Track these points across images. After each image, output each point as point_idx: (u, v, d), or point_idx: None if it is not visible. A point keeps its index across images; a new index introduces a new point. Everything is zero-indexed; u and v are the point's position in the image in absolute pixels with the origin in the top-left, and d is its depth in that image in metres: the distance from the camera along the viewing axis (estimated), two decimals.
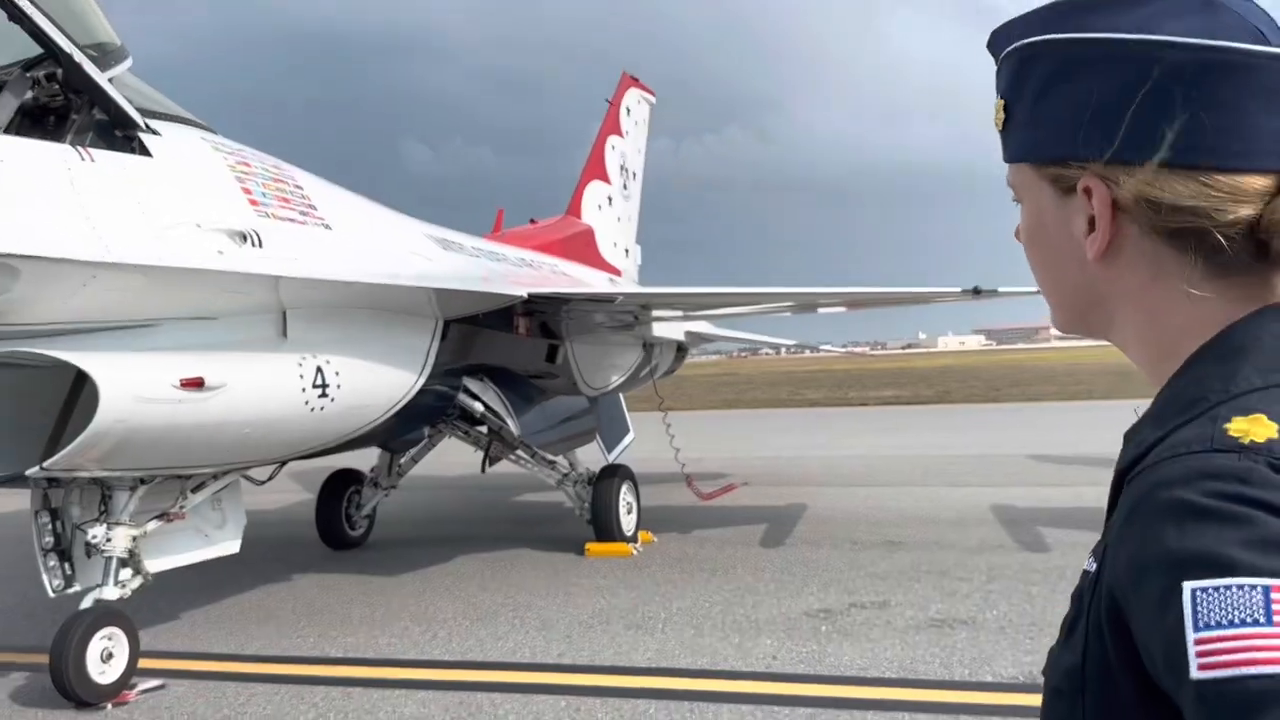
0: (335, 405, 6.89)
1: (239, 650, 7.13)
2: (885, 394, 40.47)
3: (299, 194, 6.96)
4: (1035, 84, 1.00)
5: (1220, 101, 0.91)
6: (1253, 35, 0.92)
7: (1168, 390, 0.96)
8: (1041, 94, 1.00)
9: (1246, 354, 0.92)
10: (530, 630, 7.34)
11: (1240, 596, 0.74)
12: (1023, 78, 1.02)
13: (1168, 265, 0.96)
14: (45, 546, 6.40)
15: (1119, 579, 0.84)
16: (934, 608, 7.47)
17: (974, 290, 9.23)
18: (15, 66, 5.74)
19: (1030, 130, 1.02)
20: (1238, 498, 0.78)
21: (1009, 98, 1.04)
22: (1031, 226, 1.07)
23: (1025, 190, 1.06)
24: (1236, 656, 0.73)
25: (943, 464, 16.66)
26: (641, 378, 13.59)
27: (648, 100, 16.59)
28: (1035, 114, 1.01)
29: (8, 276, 5.05)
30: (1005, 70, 1.05)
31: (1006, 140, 1.06)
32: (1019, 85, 1.02)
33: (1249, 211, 0.92)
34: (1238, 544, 0.76)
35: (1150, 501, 0.83)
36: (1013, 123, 1.04)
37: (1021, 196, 1.07)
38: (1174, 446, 0.86)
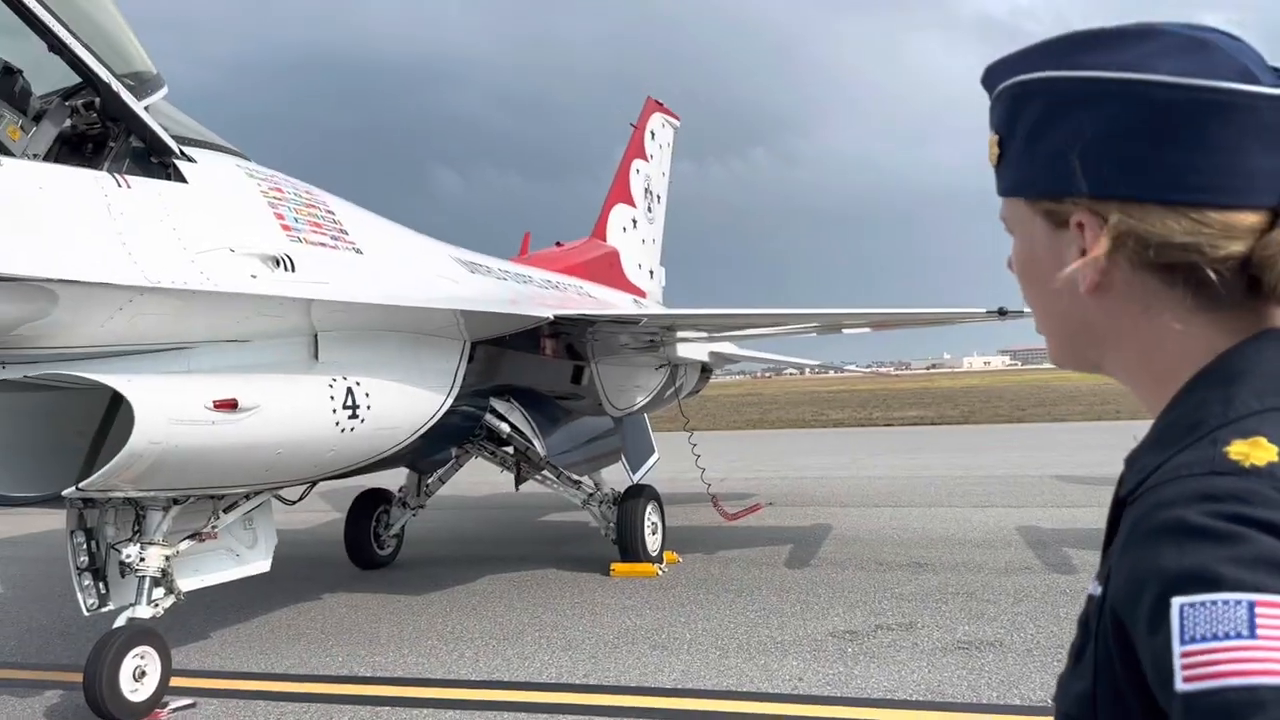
0: (365, 426, 6.97)
1: (269, 669, 7.19)
2: (910, 414, 40.28)
3: (330, 219, 7.08)
4: (1028, 120, 1.03)
5: (1211, 140, 0.93)
6: (1242, 74, 0.94)
7: (1166, 416, 0.98)
8: (1034, 130, 1.02)
9: (1245, 378, 0.93)
10: (556, 650, 7.36)
11: (1225, 611, 0.77)
12: (1016, 114, 1.04)
13: (1160, 298, 0.98)
14: (80, 566, 6.50)
15: (1120, 599, 0.86)
16: (961, 629, 7.43)
17: (999, 311, 9.21)
18: (55, 95, 5.88)
19: (1023, 166, 1.04)
20: (1235, 517, 0.81)
21: (1003, 133, 1.07)
22: (1024, 259, 1.09)
23: (1018, 224, 1.09)
24: (1220, 669, 0.76)
25: (968, 485, 16.56)
26: (666, 398, 13.63)
27: (672, 124, 16.71)
28: (1028, 150, 1.03)
29: (46, 300, 5.17)
30: (999, 106, 1.07)
31: (1001, 175, 1.09)
32: (1012, 121, 1.05)
33: (1240, 248, 0.93)
34: (1227, 561, 0.79)
35: (1149, 522, 0.86)
36: (1006, 158, 1.07)
37: (1014, 230, 1.10)
38: (1175, 469, 0.88)
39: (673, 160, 16.88)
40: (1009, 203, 1.10)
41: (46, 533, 14.47)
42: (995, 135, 1.08)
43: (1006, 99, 1.06)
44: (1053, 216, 1.03)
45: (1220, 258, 0.94)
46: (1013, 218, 1.10)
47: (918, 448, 25.43)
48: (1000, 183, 1.10)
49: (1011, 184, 1.08)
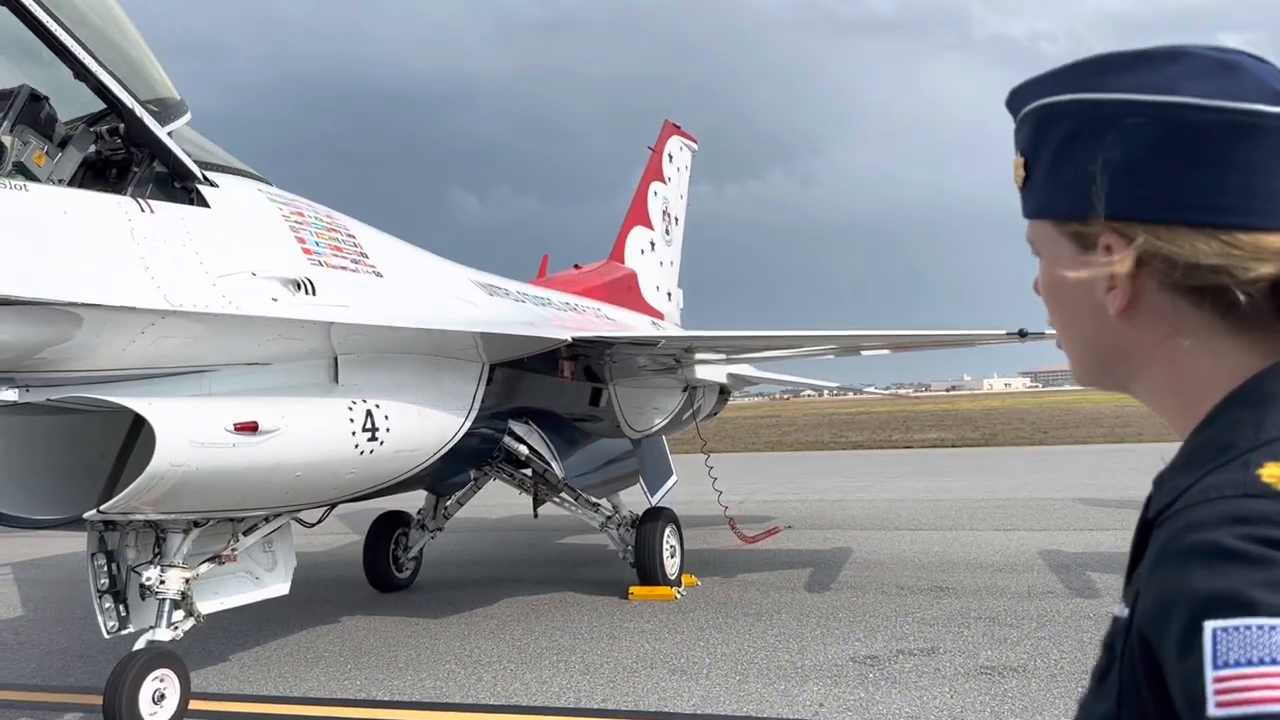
0: (384, 448, 6.98)
1: (288, 692, 7.18)
2: (930, 436, 40.04)
3: (351, 242, 7.12)
4: (1055, 142, 1.02)
5: (1240, 161, 0.93)
6: (1271, 96, 0.94)
7: (1196, 438, 0.97)
8: (1062, 152, 1.02)
9: (1276, 400, 0.92)
10: (574, 674, 7.32)
11: (1260, 636, 0.76)
12: (1042, 136, 1.04)
13: (1188, 320, 0.98)
14: (101, 588, 6.52)
15: (1149, 621, 0.85)
16: (984, 655, 7.35)
17: (1020, 333, 9.15)
18: (80, 121, 5.96)
19: (1050, 188, 1.04)
20: (1268, 541, 0.80)
21: (1029, 155, 1.06)
22: (1051, 282, 1.08)
23: (1045, 246, 1.08)
24: (1254, 695, 0.74)
25: (990, 508, 16.43)
26: (685, 420, 13.61)
27: (690, 147, 16.77)
28: (1055, 172, 1.03)
29: (70, 324, 5.21)
30: (1025, 128, 1.07)
31: (1027, 197, 1.08)
32: (1038, 143, 1.05)
33: (1270, 270, 0.93)
34: (1261, 585, 0.78)
35: (1180, 544, 0.85)
36: (1033, 180, 1.06)
37: (1041, 252, 1.09)
38: (1204, 491, 0.87)
39: (690, 183, 16.93)
40: (1035, 225, 1.09)
41: (67, 555, 14.55)
42: (1021, 157, 1.08)
43: (1033, 121, 1.06)
44: (1080, 239, 1.03)
45: (1250, 280, 0.93)
46: (1039, 239, 1.09)
47: (938, 470, 25.26)
48: (1026, 205, 1.10)
49: (1038, 206, 1.07)
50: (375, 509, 11.05)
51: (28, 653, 8.71)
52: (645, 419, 12.24)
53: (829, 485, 22.05)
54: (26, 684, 7.70)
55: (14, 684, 7.71)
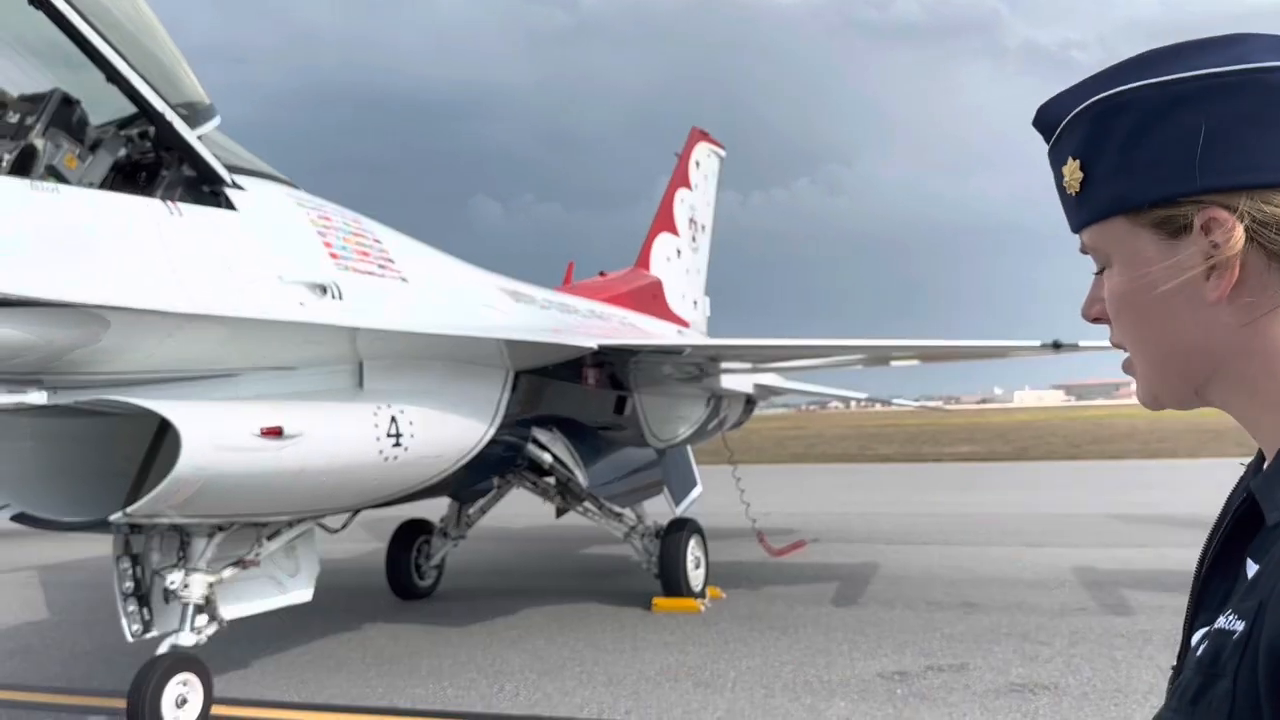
0: (409, 455, 6.94)
1: (310, 699, 7.15)
2: (960, 450, 39.66)
3: (377, 247, 7.10)
4: (1123, 132, 0.97)
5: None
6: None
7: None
8: (1133, 140, 0.96)
9: None
10: (597, 685, 7.24)
11: None
12: (1104, 131, 0.98)
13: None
14: (125, 591, 6.51)
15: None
16: (1014, 671, 7.20)
17: (1054, 344, 9.00)
18: (111, 125, 5.98)
19: (1122, 179, 0.98)
20: None
21: (1086, 155, 1.00)
22: (1127, 287, 1.01)
23: (1118, 246, 1.01)
24: None
25: (1021, 523, 16.20)
26: (710, 430, 13.50)
27: (717, 154, 16.70)
28: (1128, 161, 0.97)
29: (98, 326, 5.21)
30: (1078, 130, 1.01)
31: (1087, 200, 1.02)
32: (1101, 138, 0.99)
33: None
34: None
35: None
36: (1094, 180, 1.00)
37: (1111, 255, 1.02)
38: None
39: (718, 190, 16.86)
40: (1102, 227, 1.02)
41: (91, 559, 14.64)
42: (1075, 160, 1.01)
43: (1090, 119, 1.00)
44: (1167, 225, 0.96)
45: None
46: (1109, 242, 1.02)
47: (968, 485, 24.99)
48: (1086, 209, 1.03)
49: (1108, 202, 1.00)
50: (397, 516, 11.04)
51: (53, 655, 8.75)
52: (670, 428, 12.16)
53: (856, 499, 21.86)
54: (52, 686, 7.71)
55: (40, 686, 7.74)
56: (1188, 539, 13.78)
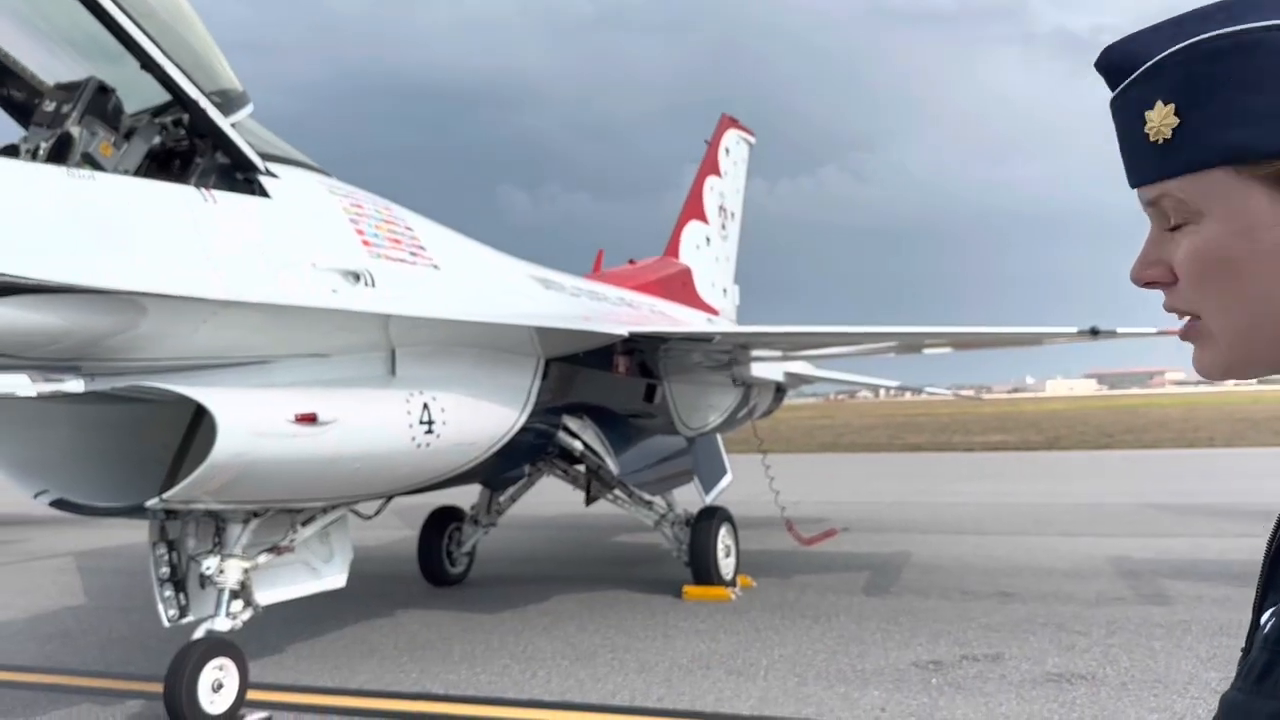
0: (441, 442, 6.95)
1: (343, 684, 7.19)
2: (992, 439, 39.33)
3: (409, 235, 7.10)
4: (1244, 75, 0.91)
5: None
6: None
7: None
8: (1250, 83, 0.90)
9: None
10: (629, 673, 7.23)
11: None
12: (1216, 74, 0.92)
13: None
14: (162, 577, 6.57)
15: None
16: (1051, 661, 7.12)
17: (1091, 331, 8.85)
18: (145, 113, 6.01)
19: (1237, 127, 0.92)
20: None
21: (1182, 100, 0.93)
22: (1224, 244, 0.94)
23: (1218, 200, 0.94)
24: None
25: (1055, 513, 16.04)
26: (739, 419, 13.44)
27: (747, 141, 16.59)
28: (1239, 107, 0.91)
29: (135, 313, 5.24)
30: (1168, 75, 0.95)
31: (1179, 148, 0.95)
32: (1206, 82, 0.92)
33: None
34: None
35: None
36: (1194, 126, 0.93)
37: (1206, 209, 0.95)
38: None
39: (747, 177, 16.75)
40: (1199, 178, 0.95)
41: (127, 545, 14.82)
42: (1168, 105, 0.94)
43: (1196, 59, 0.93)
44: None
45: None
46: (1204, 195, 0.95)
47: (1000, 474, 24.78)
48: (1180, 158, 0.96)
49: (1215, 151, 0.93)
50: (428, 504, 11.08)
51: (90, 640, 8.86)
52: (700, 416, 12.11)
53: (887, 488, 21.73)
54: (89, 670, 7.81)
55: (78, 670, 7.83)
56: (1226, 529, 13.59)
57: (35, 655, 8.36)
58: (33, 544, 16.01)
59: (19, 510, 20.34)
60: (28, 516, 19.51)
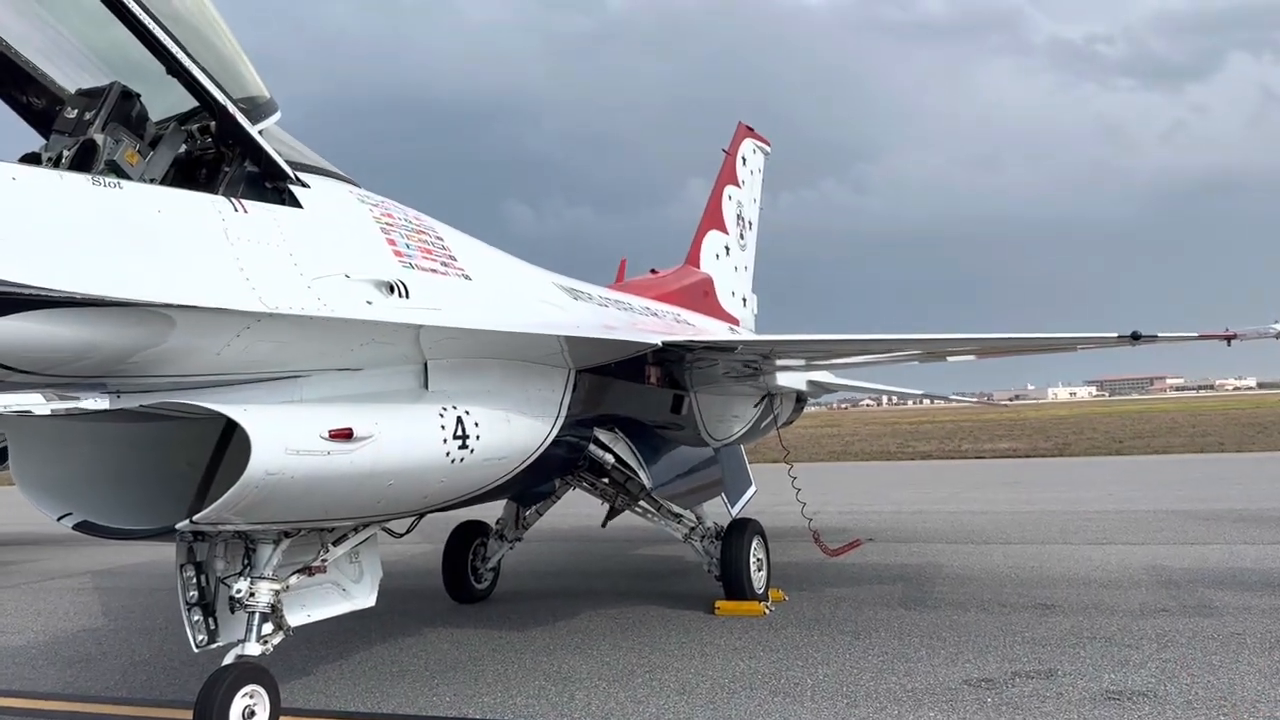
0: (475, 456, 6.72)
1: (376, 708, 6.95)
2: (1001, 446, 39.10)
3: (439, 244, 6.89)
4: None
5: None
6: None
7: None
8: None
9: None
10: (670, 694, 6.99)
11: None
12: None
13: None
14: (190, 600, 6.34)
15: None
16: (1107, 678, 6.88)
17: (1132, 336, 8.61)
18: (171, 120, 5.80)
19: None
20: None
21: None
22: None
23: None
24: None
25: (1079, 520, 15.82)
26: (762, 428, 13.25)
27: (763, 150, 16.42)
28: None
29: (163, 326, 5.01)
30: None
31: None
32: None
33: None
34: None
35: None
36: None
37: None
38: None
39: (765, 187, 16.57)
40: None
41: (145, 564, 14.62)
42: None
43: None
44: None
45: None
46: None
47: (1014, 481, 24.55)
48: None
49: None
50: (452, 519, 10.85)
51: (111, 664, 8.61)
52: (725, 427, 11.91)
53: (904, 496, 21.49)
54: (113, 696, 7.57)
55: (100, 696, 7.59)
56: (1258, 536, 13.37)
57: (56, 681, 8.11)
58: (46, 563, 15.79)
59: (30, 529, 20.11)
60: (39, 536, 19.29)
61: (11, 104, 5.82)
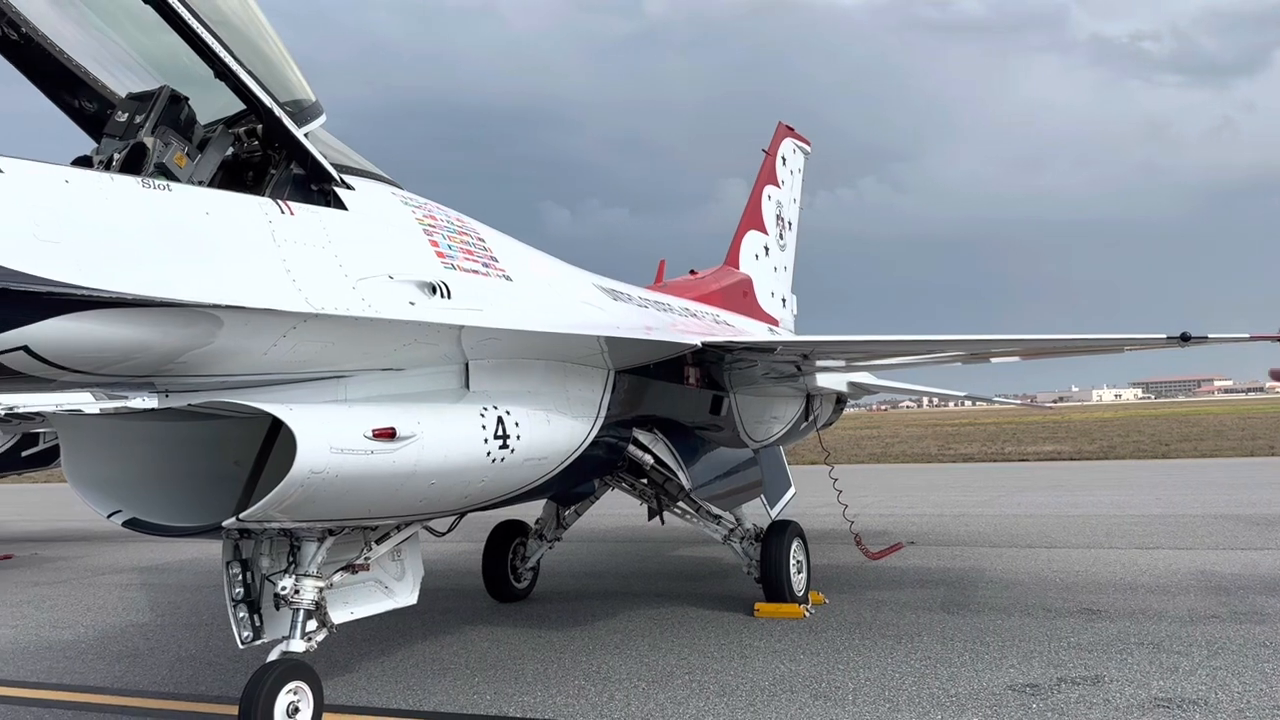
0: (515, 456, 6.75)
1: (417, 706, 7.00)
2: (1045, 449, 38.58)
3: (481, 245, 6.93)
4: None
5: None
6: None
7: None
8: None
9: None
10: (710, 696, 6.97)
11: None
12: None
13: None
14: (235, 598, 6.42)
15: None
16: (1155, 685, 6.76)
17: (1182, 336, 8.45)
18: (219, 123, 5.88)
19: None
20: None
21: None
22: None
23: None
24: None
25: (1125, 524, 15.56)
26: (801, 430, 13.17)
27: (803, 149, 16.34)
28: None
29: (211, 326, 5.07)
30: None
31: None
32: None
33: None
34: None
35: None
36: None
37: None
38: None
39: (804, 187, 16.49)
40: None
41: (189, 560, 14.85)
42: None
43: None
44: None
45: None
46: None
47: (1058, 484, 24.21)
48: None
49: None
50: (492, 518, 10.90)
51: (159, 659, 8.75)
52: (764, 428, 11.85)
53: (946, 499, 21.27)
54: (160, 691, 7.69)
55: (148, 691, 7.72)
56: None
57: (105, 675, 8.26)
58: (96, 560, 16.09)
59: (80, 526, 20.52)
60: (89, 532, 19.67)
61: (65, 108, 5.93)
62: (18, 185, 4.30)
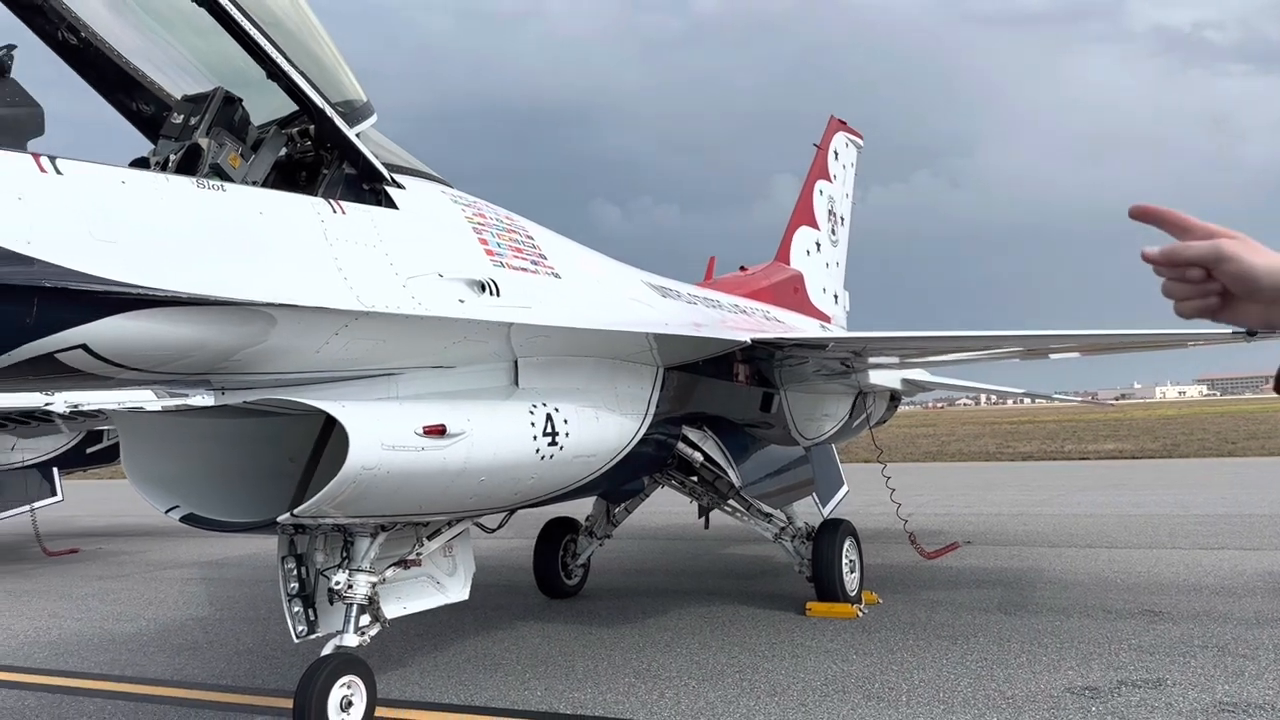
0: (564, 453, 6.76)
1: (469, 701, 7.05)
2: (1106, 447, 37.79)
3: (529, 243, 6.95)
4: None
5: None
6: None
7: None
8: None
9: None
10: (761, 695, 6.92)
11: None
12: None
13: None
14: (290, 592, 6.51)
15: None
16: (1220, 689, 6.58)
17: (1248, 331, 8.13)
18: (272, 124, 5.96)
19: None
20: None
21: None
22: None
23: None
24: None
25: (1189, 524, 15.17)
26: (854, 428, 13.02)
27: (855, 143, 16.16)
28: None
29: (266, 324, 5.15)
30: None
31: None
32: None
33: None
34: None
35: None
36: None
37: None
38: None
39: (856, 181, 16.32)
40: None
41: (247, 556, 15.12)
42: None
43: None
44: None
45: None
46: None
47: (1120, 483, 23.70)
48: None
49: None
50: (541, 514, 10.94)
51: (217, 652, 8.92)
52: (815, 426, 11.73)
53: (1003, 498, 20.93)
54: (218, 684, 7.83)
55: (205, 683, 7.86)
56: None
57: (165, 667, 8.44)
58: (155, 554, 16.45)
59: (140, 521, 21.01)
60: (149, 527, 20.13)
61: (122, 110, 6.05)
62: (76, 186, 4.39)
